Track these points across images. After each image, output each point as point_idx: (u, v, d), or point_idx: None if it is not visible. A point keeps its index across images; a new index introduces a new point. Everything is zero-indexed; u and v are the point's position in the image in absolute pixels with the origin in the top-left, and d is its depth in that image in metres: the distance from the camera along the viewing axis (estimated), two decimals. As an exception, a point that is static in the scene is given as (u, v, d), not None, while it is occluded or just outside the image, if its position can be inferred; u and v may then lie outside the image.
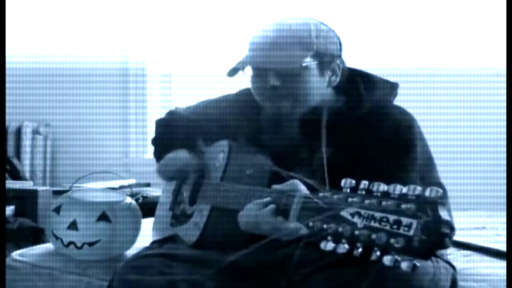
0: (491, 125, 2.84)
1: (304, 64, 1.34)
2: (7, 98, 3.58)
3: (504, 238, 1.76)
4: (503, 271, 1.47)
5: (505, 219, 2.00)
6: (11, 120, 3.64)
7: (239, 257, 1.34)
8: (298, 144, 1.40)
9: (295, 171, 1.30)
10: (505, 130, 2.68)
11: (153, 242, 1.59)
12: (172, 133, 1.62)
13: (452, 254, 1.60)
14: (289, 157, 1.38)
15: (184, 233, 1.48)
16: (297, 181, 1.16)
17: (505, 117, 2.70)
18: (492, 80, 2.87)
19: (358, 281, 1.17)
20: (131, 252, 1.69)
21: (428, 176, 1.34)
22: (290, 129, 1.41)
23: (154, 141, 1.69)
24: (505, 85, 2.76)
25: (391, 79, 1.49)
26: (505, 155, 2.61)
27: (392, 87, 1.47)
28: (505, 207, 1.99)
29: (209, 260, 1.35)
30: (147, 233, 1.70)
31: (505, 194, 2.16)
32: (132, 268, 1.34)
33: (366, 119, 1.38)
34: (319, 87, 1.38)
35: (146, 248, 1.52)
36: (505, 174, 2.68)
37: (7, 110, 3.50)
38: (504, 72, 2.75)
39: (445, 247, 0.83)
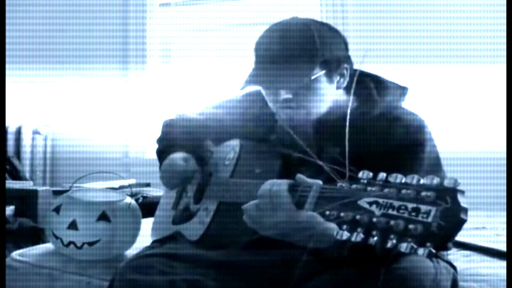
0: (491, 125, 2.85)
1: (313, 77, 1.33)
2: (7, 98, 3.59)
3: (504, 238, 1.76)
4: (503, 271, 1.47)
5: (505, 219, 2.00)
6: (11, 120, 3.64)
7: (242, 256, 1.35)
8: (311, 146, 1.41)
9: (302, 171, 1.30)
10: (505, 130, 2.68)
11: (153, 242, 1.59)
12: (180, 133, 1.63)
13: (452, 254, 1.60)
14: (302, 158, 1.38)
15: (188, 232, 1.48)
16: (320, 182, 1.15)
17: (505, 117, 2.71)
18: (492, 77, 2.88)
19: (360, 282, 1.17)
20: (131, 252, 1.69)
21: (435, 175, 1.35)
22: (304, 134, 1.42)
23: (160, 140, 1.69)
24: (504, 83, 2.77)
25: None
26: (505, 155, 2.61)
27: (402, 90, 1.48)
28: (505, 207, 1.99)
29: (210, 260, 1.35)
30: (147, 233, 1.70)
31: (505, 194, 2.16)
32: (133, 268, 1.34)
33: (377, 121, 1.39)
34: (329, 92, 1.39)
35: (147, 248, 1.52)
36: (505, 174, 2.68)
37: (7, 110, 3.50)
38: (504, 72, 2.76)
39: (447, 248, 0.84)
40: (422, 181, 0.87)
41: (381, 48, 3.04)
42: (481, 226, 2.08)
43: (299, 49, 1.34)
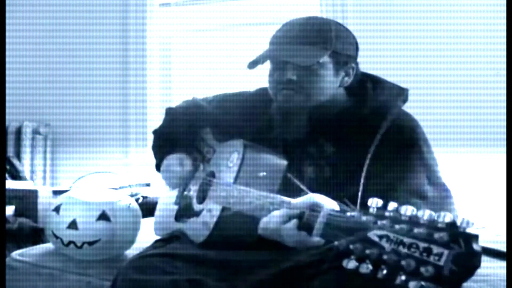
0: (491, 125, 2.85)
1: (321, 61, 1.37)
2: (7, 98, 3.59)
3: (504, 238, 1.76)
4: (503, 271, 1.47)
5: (505, 219, 2.00)
6: (11, 120, 3.63)
7: (245, 257, 1.35)
8: (306, 137, 1.43)
9: (304, 165, 1.31)
10: (505, 130, 2.68)
11: (157, 241, 1.58)
12: (178, 126, 1.64)
13: (452, 254, 1.59)
14: (298, 150, 1.40)
15: (192, 232, 1.48)
16: (314, 195, 1.16)
17: (505, 116, 2.71)
18: (492, 78, 2.87)
19: (361, 282, 1.17)
20: (131, 252, 1.69)
21: (434, 176, 1.36)
22: (299, 122, 1.44)
23: (157, 131, 1.70)
24: (505, 85, 2.77)
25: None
26: (505, 155, 2.61)
27: (400, 90, 1.49)
28: (505, 206, 1.99)
29: (213, 260, 1.35)
30: (147, 233, 1.70)
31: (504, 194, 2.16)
32: (135, 268, 1.34)
33: (369, 119, 1.40)
34: (331, 85, 1.42)
35: (150, 247, 1.51)
36: (505, 174, 2.68)
37: (7, 110, 3.49)
38: (504, 72, 2.75)
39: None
40: (433, 217, 0.85)
41: (381, 48, 3.04)
42: (481, 226, 2.08)
43: (313, 33, 1.39)
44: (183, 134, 1.62)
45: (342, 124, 1.41)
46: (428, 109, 2.80)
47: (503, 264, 1.57)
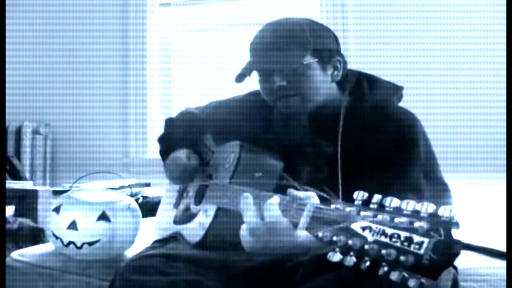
0: (491, 125, 2.85)
1: (305, 62, 1.38)
2: (7, 98, 3.59)
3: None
4: (503, 271, 1.47)
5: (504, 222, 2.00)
6: (11, 120, 3.64)
7: (242, 257, 1.35)
8: (307, 140, 1.43)
9: (302, 165, 1.31)
10: (505, 130, 2.68)
11: (155, 242, 1.59)
12: (180, 132, 1.64)
13: (452, 254, 1.59)
14: (297, 153, 1.41)
15: (188, 233, 1.48)
16: (313, 194, 1.15)
17: (505, 117, 2.71)
18: (492, 78, 2.88)
19: (359, 282, 1.17)
20: (130, 252, 1.69)
21: (432, 175, 1.36)
22: (300, 127, 1.45)
23: (161, 140, 1.71)
24: (505, 85, 2.77)
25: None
26: (505, 155, 2.61)
27: (396, 89, 1.49)
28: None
29: (211, 261, 1.35)
30: (147, 233, 1.71)
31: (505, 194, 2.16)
32: (134, 268, 1.34)
33: (368, 117, 1.40)
34: (323, 83, 1.43)
35: (148, 248, 1.52)
36: (505, 174, 2.68)
37: (7, 110, 3.50)
38: (504, 72, 2.75)
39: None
40: (417, 207, 0.86)
41: (380, 48, 3.04)
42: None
43: (291, 41, 1.39)
44: (184, 141, 1.61)
45: (340, 124, 1.41)
46: (427, 109, 2.80)
47: (503, 264, 1.57)
